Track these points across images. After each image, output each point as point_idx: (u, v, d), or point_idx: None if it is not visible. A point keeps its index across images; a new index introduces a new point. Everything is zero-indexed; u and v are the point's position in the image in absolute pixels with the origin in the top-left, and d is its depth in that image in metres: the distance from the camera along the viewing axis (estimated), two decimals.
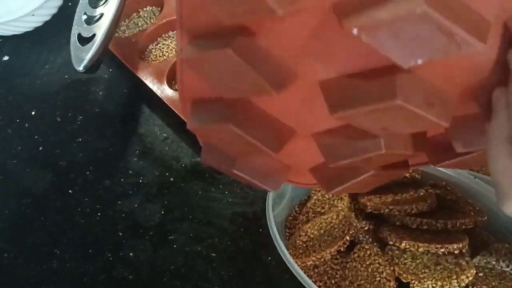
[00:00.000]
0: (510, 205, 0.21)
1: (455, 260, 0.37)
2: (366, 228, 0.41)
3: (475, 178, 0.42)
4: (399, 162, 0.27)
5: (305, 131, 0.26)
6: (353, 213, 0.42)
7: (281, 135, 0.26)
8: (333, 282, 0.39)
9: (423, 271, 0.36)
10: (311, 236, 0.41)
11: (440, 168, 0.42)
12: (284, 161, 0.28)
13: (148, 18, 0.59)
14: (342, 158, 0.25)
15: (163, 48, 0.57)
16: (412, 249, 0.37)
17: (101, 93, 0.56)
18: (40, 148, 0.52)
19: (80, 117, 0.54)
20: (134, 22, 0.59)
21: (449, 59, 0.19)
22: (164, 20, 0.57)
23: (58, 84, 0.57)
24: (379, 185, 0.30)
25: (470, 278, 0.36)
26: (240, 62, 0.21)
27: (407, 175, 0.43)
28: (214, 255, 0.44)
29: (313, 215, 0.43)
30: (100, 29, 0.50)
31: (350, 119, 0.22)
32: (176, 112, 0.49)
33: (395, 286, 0.37)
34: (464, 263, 0.36)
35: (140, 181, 0.49)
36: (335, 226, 0.41)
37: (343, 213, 0.41)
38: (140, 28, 0.58)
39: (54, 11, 0.60)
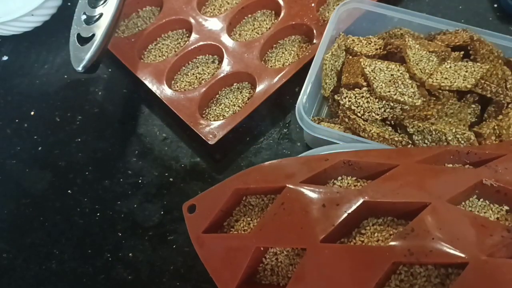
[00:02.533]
0: None
1: None
2: None
3: None
4: None
5: None
6: None
7: None
8: None
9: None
10: None
11: None
12: None
13: (148, 18, 0.59)
14: None
15: (162, 48, 0.57)
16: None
17: (100, 93, 0.55)
18: (39, 148, 0.52)
19: (79, 117, 0.54)
20: (133, 22, 0.59)
21: None
22: (164, 20, 0.57)
23: (57, 84, 0.57)
24: None
25: None
26: None
27: None
28: None
29: None
30: (100, 29, 0.50)
31: None
32: (176, 112, 0.49)
33: None
34: None
35: (140, 181, 0.49)
36: None
37: None
38: (140, 28, 0.58)
39: (53, 11, 0.60)
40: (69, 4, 0.63)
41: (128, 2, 0.53)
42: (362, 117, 0.43)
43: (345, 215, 0.31)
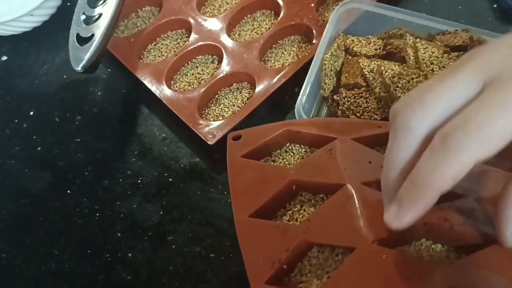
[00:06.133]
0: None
1: None
2: None
3: None
4: None
5: None
6: None
7: None
8: None
9: None
10: None
11: None
12: None
13: (147, 18, 0.59)
14: None
15: (162, 48, 0.57)
16: None
17: (99, 93, 0.55)
18: (39, 149, 0.52)
19: (79, 117, 0.54)
20: (133, 22, 0.59)
21: None
22: (163, 20, 0.57)
23: (56, 84, 0.57)
24: None
25: None
26: None
27: None
28: (213, 255, 0.44)
29: None
30: (99, 29, 0.50)
31: None
32: (175, 112, 0.49)
33: None
34: None
35: (139, 181, 0.49)
36: None
37: None
38: (139, 28, 0.58)
39: (52, 11, 0.60)
40: (68, 4, 0.63)
41: (128, 2, 0.53)
42: (361, 117, 0.43)
43: None
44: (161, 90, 0.51)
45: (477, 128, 0.22)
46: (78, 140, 0.52)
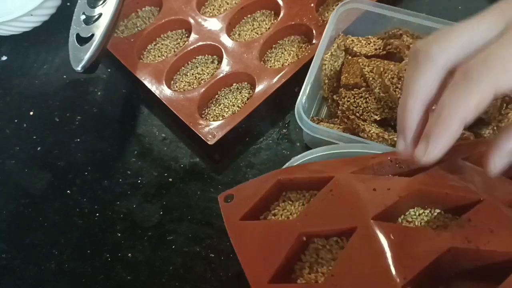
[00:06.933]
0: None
1: None
2: None
3: None
4: None
5: None
6: None
7: None
8: None
9: None
10: None
11: None
12: None
13: (147, 18, 0.59)
14: None
15: (161, 48, 0.57)
16: None
17: (99, 93, 0.55)
18: (38, 149, 0.52)
19: (79, 117, 0.54)
20: (132, 22, 0.59)
21: None
22: (163, 20, 0.57)
23: (56, 84, 0.57)
24: None
25: None
26: None
27: None
28: (212, 255, 0.44)
29: None
30: (99, 29, 0.50)
31: None
32: (175, 112, 0.49)
33: None
34: None
35: (139, 181, 0.49)
36: None
37: None
38: (139, 28, 0.58)
39: (52, 11, 0.60)
40: (68, 4, 0.63)
41: (127, 2, 0.53)
42: (361, 117, 0.43)
43: (397, 198, 0.30)
44: (161, 90, 0.51)
45: (498, 61, 0.24)
46: (78, 140, 0.52)
